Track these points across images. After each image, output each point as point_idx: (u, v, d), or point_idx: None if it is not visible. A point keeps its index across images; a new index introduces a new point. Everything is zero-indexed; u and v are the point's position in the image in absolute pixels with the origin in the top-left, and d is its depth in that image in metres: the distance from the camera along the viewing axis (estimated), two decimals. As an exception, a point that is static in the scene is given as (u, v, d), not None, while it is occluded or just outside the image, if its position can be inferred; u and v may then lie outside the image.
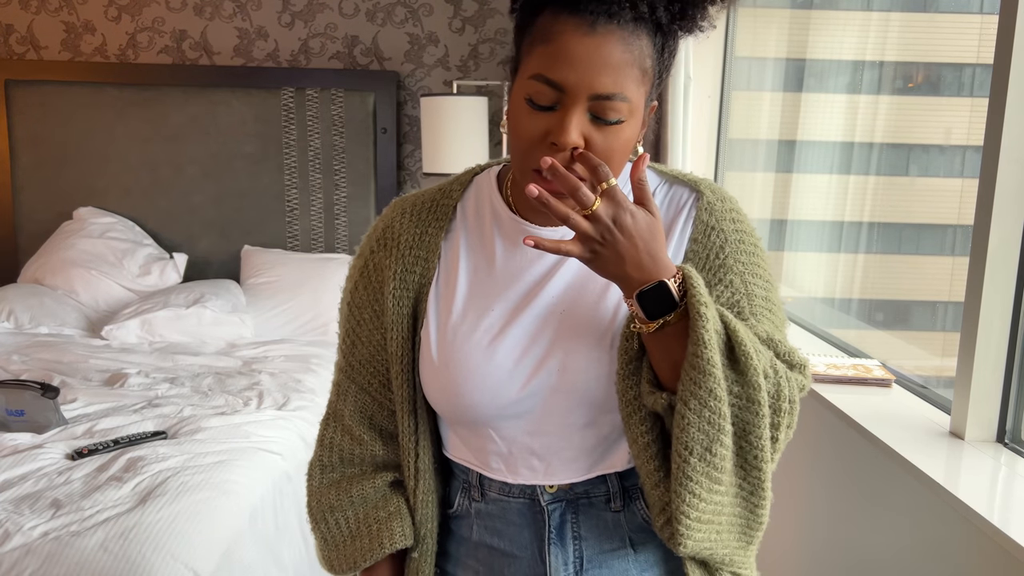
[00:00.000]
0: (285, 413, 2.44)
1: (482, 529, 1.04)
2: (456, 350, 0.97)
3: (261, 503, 2.04)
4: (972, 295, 1.51)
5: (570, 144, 0.85)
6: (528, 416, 0.96)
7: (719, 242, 0.97)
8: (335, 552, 1.05)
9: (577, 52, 0.84)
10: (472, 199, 1.05)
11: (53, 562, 1.64)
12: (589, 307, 0.96)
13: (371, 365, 1.05)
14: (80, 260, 3.42)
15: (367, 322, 1.04)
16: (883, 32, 2.49)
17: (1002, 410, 1.53)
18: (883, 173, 2.48)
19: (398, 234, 1.03)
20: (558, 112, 0.86)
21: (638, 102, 0.88)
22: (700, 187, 1.00)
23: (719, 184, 3.14)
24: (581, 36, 0.84)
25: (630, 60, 0.85)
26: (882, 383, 1.89)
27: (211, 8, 3.74)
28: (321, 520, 1.07)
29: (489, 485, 1.02)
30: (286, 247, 3.74)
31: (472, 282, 1.00)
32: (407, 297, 1.01)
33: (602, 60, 0.84)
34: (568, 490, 0.99)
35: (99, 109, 3.63)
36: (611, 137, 0.87)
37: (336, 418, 1.09)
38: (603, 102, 0.85)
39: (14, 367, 2.72)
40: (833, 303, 2.75)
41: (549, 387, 0.95)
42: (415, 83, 3.81)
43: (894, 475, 1.60)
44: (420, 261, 1.01)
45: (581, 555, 1.00)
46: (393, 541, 1.02)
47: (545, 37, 0.86)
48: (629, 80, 0.86)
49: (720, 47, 3.06)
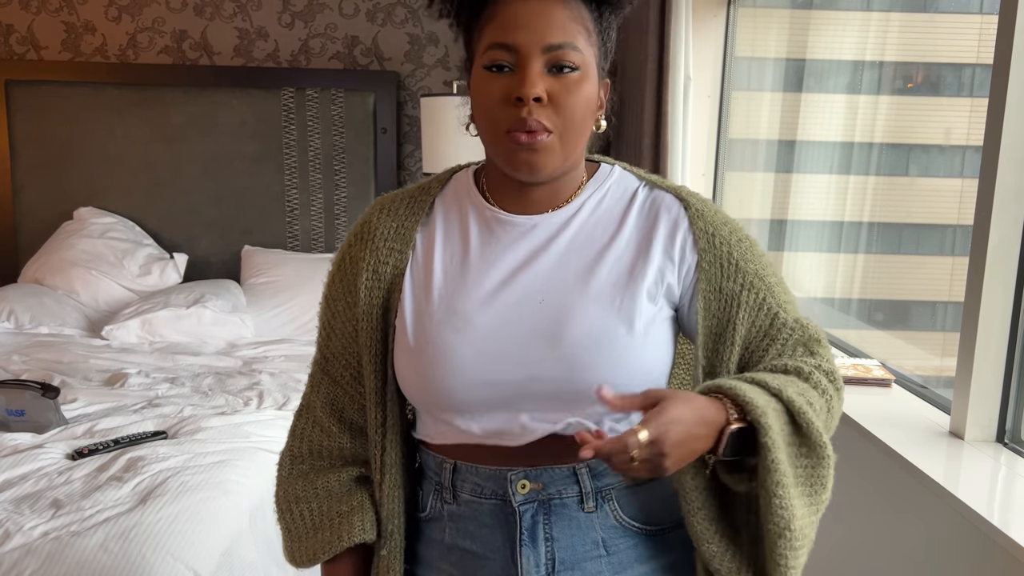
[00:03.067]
0: (285, 413, 2.44)
1: (454, 531, 1.03)
2: (433, 333, 0.98)
3: (261, 503, 2.04)
4: (972, 295, 1.51)
5: (532, 95, 0.90)
6: (503, 401, 0.96)
7: (725, 247, 0.99)
8: (297, 543, 1.06)
9: (523, 14, 0.92)
10: (451, 193, 1.07)
11: (53, 562, 1.64)
12: (568, 298, 0.97)
13: (343, 358, 1.07)
14: (80, 260, 3.42)
15: (340, 314, 1.07)
16: (883, 32, 2.49)
17: (1002, 410, 1.53)
18: (883, 173, 2.48)
19: (375, 228, 1.05)
20: (516, 72, 0.92)
21: (589, 59, 0.94)
22: (682, 195, 1.03)
23: (719, 182, 3.15)
24: (520, 2, 0.92)
25: (572, 16, 0.93)
26: (882, 383, 1.89)
27: (211, 8, 3.74)
28: (286, 510, 1.08)
29: (461, 487, 1.01)
30: (286, 247, 3.74)
31: (448, 269, 1.01)
32: (379, 288, 1.03)
33: (548, 16, 0.92)
34: (540, 490, 0.98)
35: (99, 109, 3.63)
36: (571, 88, 0.92)
37: (308, 410, 1.11)
38: (556, 52, 0.91)
39: (14, 367, 2.72)
40: (833, 303, 2.75)
41: (527, 375, 0.95)
42: (415, 83, 3.81)
43: (894, 475, 1.60)
44: (394, 252, 1.03)
45: (553, 557, 0.99)
46: (352, 535, 1.02)
47: (492, 16, 0.94)
48: (577, 34, 0.93)
49: (720, 47, 3.06)
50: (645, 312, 0.96)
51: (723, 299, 0.98)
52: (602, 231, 1.00)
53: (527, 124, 0.91)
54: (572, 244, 1.00)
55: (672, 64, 2.63)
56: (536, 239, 1.00)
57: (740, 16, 3.03)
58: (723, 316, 0.98)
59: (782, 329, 0.99)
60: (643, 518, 1.01)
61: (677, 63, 2.63)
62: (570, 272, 0.98)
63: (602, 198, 1.03)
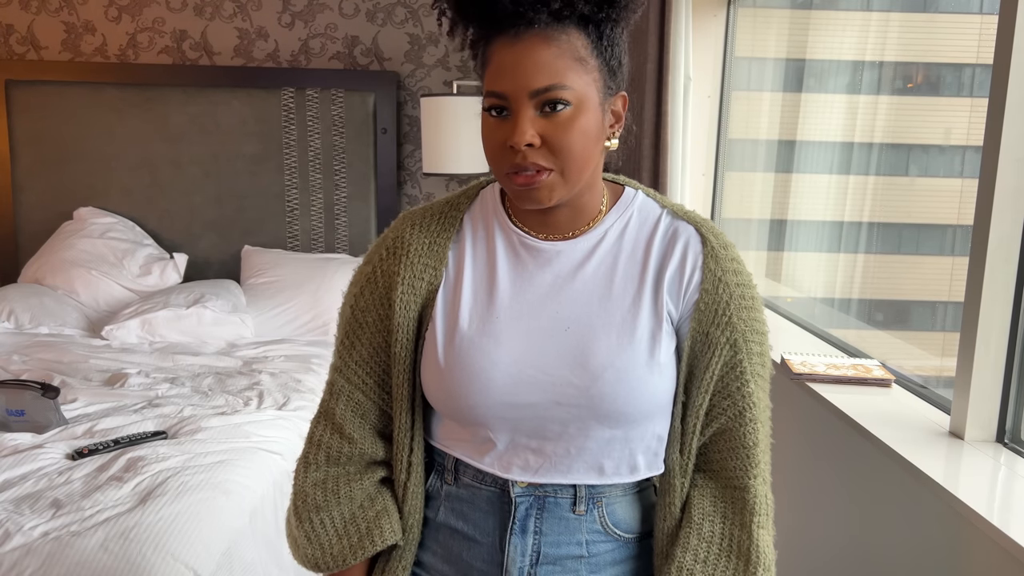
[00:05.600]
0: (285, 413, 2.44)
1: (448, 511, 1.08)
2: (461, 354, 1.01)
3: (261, 503, 2.04)
4: (972, 295, 1.51)
5: (522, 143, 0.92)
6: (527, 423, 1.01)
7: (725, 297, 1.01)
8: (320, 550, 1.08)
9: (508, 61, 0.93)
10: (478, 210, 1.10)
11: (53, 562, 1.64)
12: (592, 327, 1.00)
13: (368, 365, 1.09)
14: (80, 260, 3.42)
15: (370, 325, 1.08)
16: (883, 32, 2.49)
17: (1002, 410, 1.53)
18: (883, 173, 2.48)
19: (408, 243, 1.07)
20: (511, 117, 0.94)
21: (584, 89, 0.94)
22: (703, 230, 1.05)
23: (719, 182, 3.15)
24: (509, 47, 0.93)
25: (559, 53, 0.92)
26: (882, 383, 1.89)
27: (211, 8, 3.74)
28: (306, 519, 1.10)
29: (464, 471, 1.07)
30: (286, 247, 3.74)
31: (476, 290, 1.04)
32: (415, 302, 1.05)
33: (531, 61, 0.92)
34: (538, 487, 1.04)
35: (99, 109, 3.63)
36: (563, 126, 0.93)
37: (327, 416, 1.12)
38: (543, 95, 0.92)
39: (14, 367, 2.72)
40: (833, 303, 2.75)
41: (550, 399, 0.99)
42: (415, 83, 3.81)
43: (894, 475, 1.60)
44: (429, 268, 1.06)
45: (539, 549, 1.05)
46: (384, 538, 1.06)
47: (486, 61, 0.96)
48: (565, 70, 0.92)
49: (720, 47, 3.06)
50: (664, 343, 1.01)
51: (706, 343, 1.02)
52: (626, 260, 1.03)
53: (524, 167, 0.94)
54: (597, 274, 1.03)
55: (672, 64, 2.63)
56: (562, 266, 1.03)
57: (740, 16, 3.04)
58: (702, 360, 1.02)
59: (745, 399, 1.03)
60: (624, 526, 1.08)
61: (677, 63, 2.63)
62: (595, 301, 1.02)
63: (625, 225, 1.05)
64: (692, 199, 2.96)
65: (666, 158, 2.67)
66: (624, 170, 1.17)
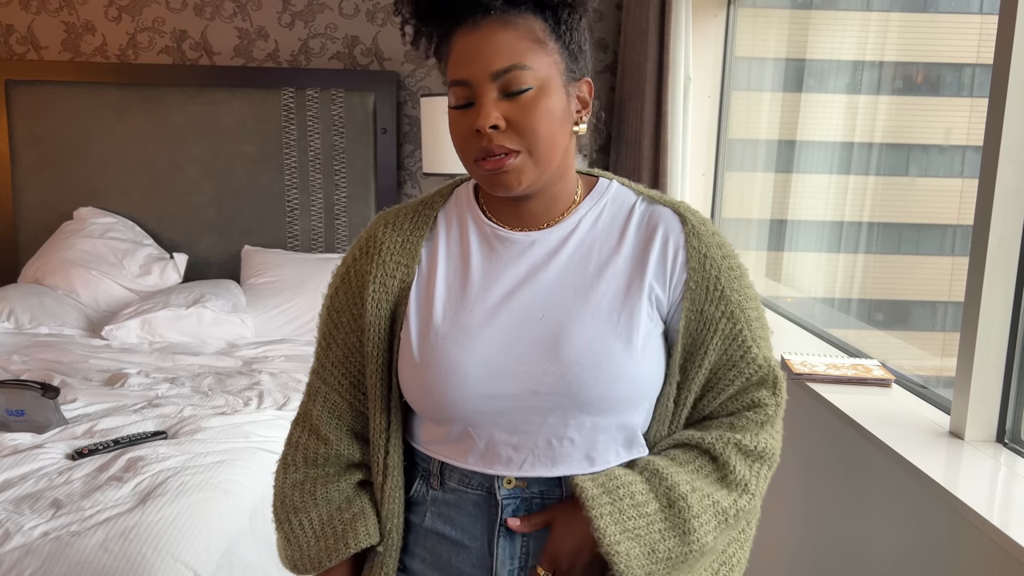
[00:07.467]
0: (285, 413, 2.44)
1: (435, 516, 1.07)
2: (436, 349, 1.01)
3: (261, 503, 2.04)
4: (972, 295, 1.51)
5: (487, 124, 0.93)
6: (506, 415, 0.99)
7: (714, 272, 1.01)
8: (298, 552, 1.08)
9: (469, 49, 0.95)
10: (453, 207, 1.10)
11: (53, 562, 1.64)
12: (567, 314, 1.00)
13: (343, 366, 1.10)
14: (80, 260, 3.42)
15: (344, 325, 1.09)
16: (883, 32, 2.49)
17: (1002, 410, 1.53)
18: (883, 173, 2.48)
19: (380, 242, 1.07)
20: (475, 105, 0.95)
21: (546, 71, 0.95)
22: (680, 210, 1.05)
23: (719, 182, 3.15)
24: (468, 36, 0.95)
25: (517, 35, 0.94)
26: (882, 383, 1.89)
27: (211, 8, 3.74)
28: (285, 520, 1.10)
29: (449, 475, 1.05)
30: (286, 247, 3.74)
31: (451, 285, 1.04)
32: (386, 300, 1.05)
33: (490, 45, 0.94)
34: (525, 488, 1.02)
35: (99, 109, 3.63)
36: (527, 107, 0.94)
37: (305, 418, 1.13)
38: (505, 77, 0.94)
39: (14, 367, 2.72)
40: (833, 303, 2.75)
41: (527, 388, 0.98)
42: (415, 83, 3.81)
43: (894, 475, 1.60)
44: (401, 266, 1.06)
45: (528, 551, 1.03)
46: (358, 540, 1.05)
47: (448, 53, 0.98)
48: (524, 51, 0.94)
49: (720, 47, 3.06)
50: (642, 328, 1.00)
51: (702, 321, 1.01)
52: (600, 247, 1.03)
53: (491, 151, 0.95)
54: (571, 260, 1.02)
55: (672, 64, 2.63)
56: (535, 255, 1.03)
57: (740, 16, 3.04)
58: (698, 337, 1.01)
59: (751, 364, 1.03)
60: None
61: (677, 63, 2.63)
62: (569, 288, 1.01)
63: (600, 213, 1.05)
64: (692, 199, 2.96)
65: (666, 158, 2.67)
66: (624, 170, 1.18)
